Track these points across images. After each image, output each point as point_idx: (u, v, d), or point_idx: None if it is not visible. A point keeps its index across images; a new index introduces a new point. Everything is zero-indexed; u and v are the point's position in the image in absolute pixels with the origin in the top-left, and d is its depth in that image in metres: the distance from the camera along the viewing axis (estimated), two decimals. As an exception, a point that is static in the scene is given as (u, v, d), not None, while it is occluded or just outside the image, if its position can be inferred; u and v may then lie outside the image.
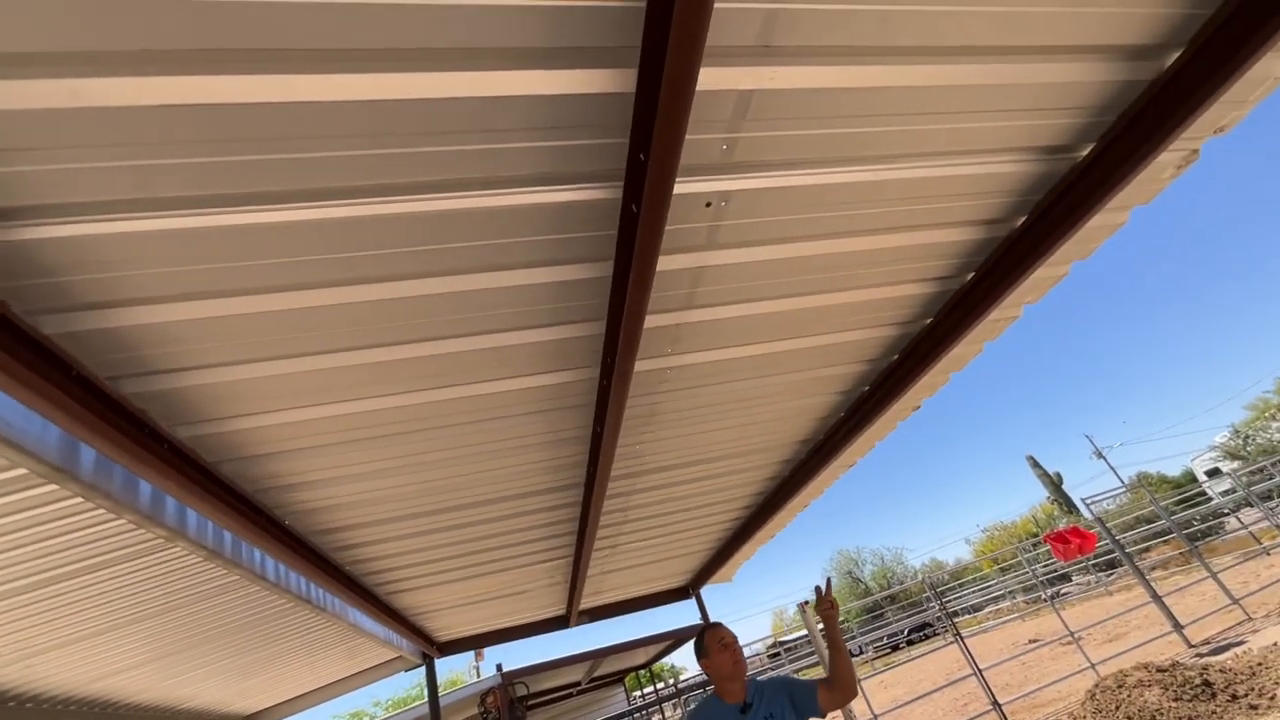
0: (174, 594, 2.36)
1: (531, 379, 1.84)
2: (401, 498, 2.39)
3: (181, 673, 3.28)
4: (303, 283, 1.29)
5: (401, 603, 3.69)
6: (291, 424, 1.73)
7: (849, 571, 37.81)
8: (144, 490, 1.62)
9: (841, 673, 2.24)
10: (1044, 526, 26.83)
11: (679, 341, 1.87)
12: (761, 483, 3.45)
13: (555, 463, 2.43)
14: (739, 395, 2.35)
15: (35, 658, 2.41)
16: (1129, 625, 11.27)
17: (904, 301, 2.05)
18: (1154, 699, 5.12)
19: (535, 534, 3.18)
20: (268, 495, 2.03)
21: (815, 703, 2.28)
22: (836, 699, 2.26)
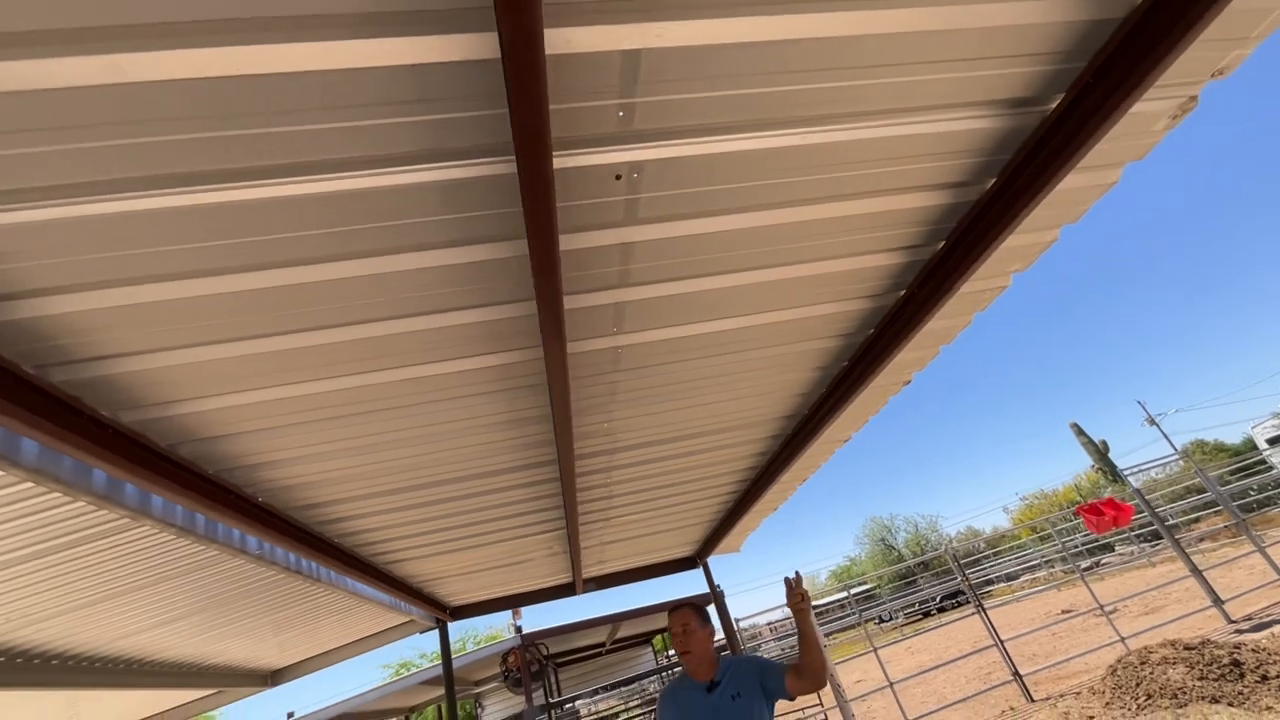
0: (165, 566, 2.48)
1: (474, 360, 1.81)
2: (372, 475, 2.42)
3: (199, 633, 3.48)
4: (202, 270, 1.27)
5: (403, 571, 3.81)
6: (238, 407, 1.75)
7: (881, 539, 37.59)
8: (97, 473, 1.67)
9: (809, 663, 2.21)
10: (1087, 495, 25.98)
11: (623, 320, 1.80)
12: (751, 458, 3.38)
13: (522, 441, 2.41)
14: (706, 373, 2.27)
15: (45, 621, 2.58)
16: (1168, 598, 10.90)
17: (872, 273, 1.92)
18: (1177, 677, 4.94)
19: (521, 508, 3.21)
20: (233, 475, 2.08)
21: (783, 686, 2.28)
22: (804, 686, 2.25)
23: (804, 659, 2.23)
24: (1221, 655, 4.99)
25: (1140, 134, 1.55)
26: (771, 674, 2.31)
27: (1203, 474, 9.58)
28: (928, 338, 2.34)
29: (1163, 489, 17.50)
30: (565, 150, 1.16)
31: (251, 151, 1.03)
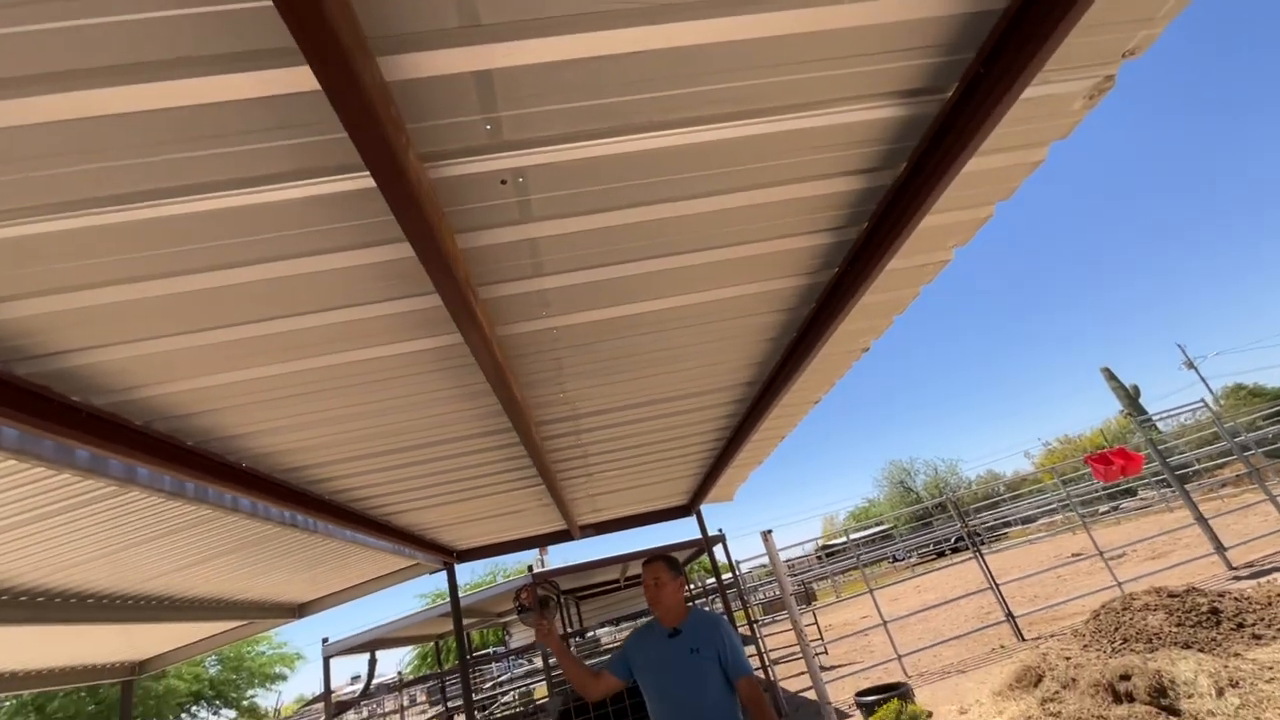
0: (167, 522, 2.75)
1: (412, 344, 1.91)
2: (348, 442, 2.60)
3: (219, 575, 3.85)
4: (131, 276, 1.38)
5: (402, 521, 4.10)
6: (202, 389, 1.90)
7: (900, 481, 37.92)
8: (80, 454, 1.86)
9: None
10: (1113, 441, 25.58)
11: (550, 305, 1.87)
12: (721, 419, 3.47)
13: (481, 411, 2.54)
14: (651, 347, 2.34)
15: (79, 566, 2.90)
16: (1177, 544, 10.93)
17: (802, 254, 1.93)
18: (1155, 623, 5.07)
19: (499, 467, 3.39)
20: (212, 445, 2.26)
21: (732, 678, 2.38)
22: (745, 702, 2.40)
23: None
24: (1202, 604, 5.08)
25: (1058, 114, 1.51)
26: (730, 660, 2.38)
27: (1220, 423, 9.36)
28: (874, 309, 2.35)
29: (1191, 434, 17.14)
30: (441, 161, 1.21)
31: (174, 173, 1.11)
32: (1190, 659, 4.36)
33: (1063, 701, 4.86)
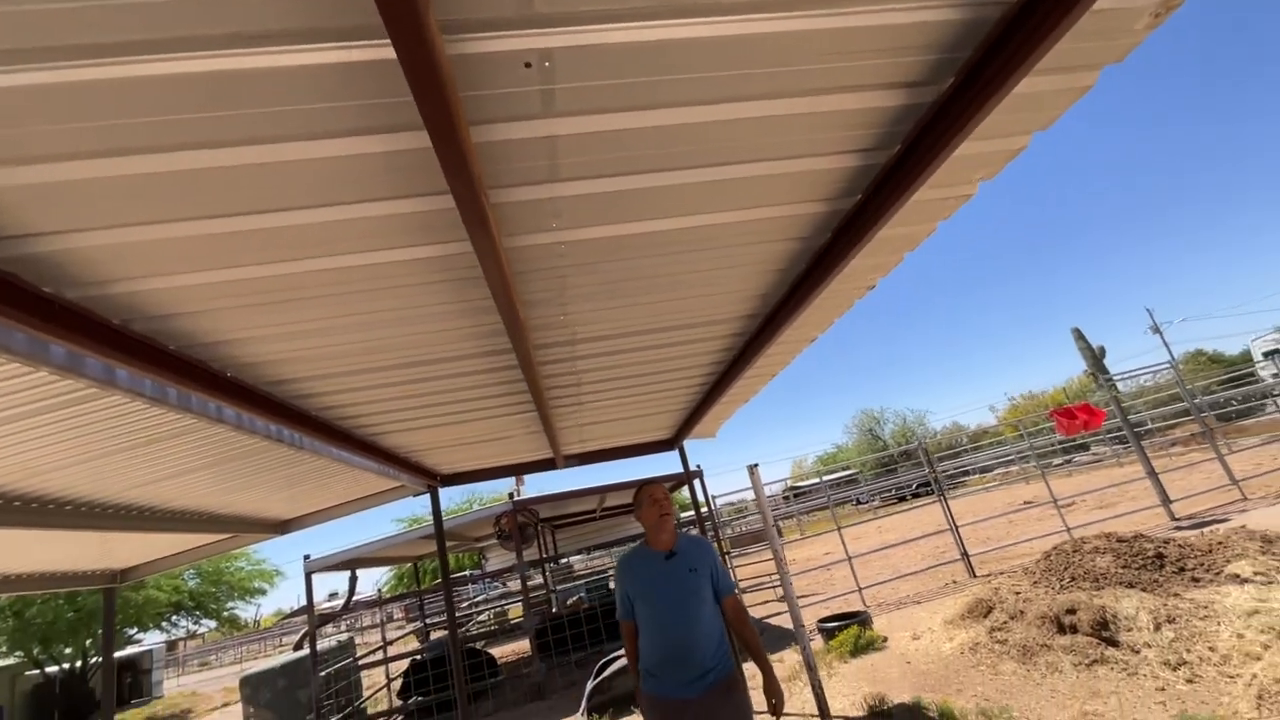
0: (150, 430, 2.66)
1: (413, 250, 1.80)
2: (338, 356, 2.51)
3: (202, 487, 3.80)
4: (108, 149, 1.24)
5: (387, 443, 4.07)
6: (183, 288, 1.78)
7: (869, 429, 39.19)
8: (55, 350, 1.75)
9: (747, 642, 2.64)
10: (1074, 398, 26.57)
11: (561, 215, 1.76)
12: (716, 353, 3.45)
13: (478, 330, 2.47)
14: (658, 271, 2.26)
15: (56, 472, 2.82)
16: (1124, 496, 11.58)
17: (824, 177, 1.84)
18: (1103, 564, 5.41)
19: (491, 390, 3.35)
20: (196, 351, 2.16)
21: (721, 595, 2.59)
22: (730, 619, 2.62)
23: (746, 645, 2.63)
24: (1148, 548, 5.43)
25: (1120, 33, 1.41)
26: (719, 578, 2.64)
27: (1182, 384, 9.74)
28: (888, 244, 2.29)
29: (1149, 395, 17.90)
30: (461, 34, 1.08)
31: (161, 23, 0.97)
32: (1133, 597, 4.69)
33: (1010, 630, 5.23)
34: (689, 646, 2.51)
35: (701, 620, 2.53)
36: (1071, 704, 3.92)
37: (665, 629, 2.55)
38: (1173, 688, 3.79)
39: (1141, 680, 3.97)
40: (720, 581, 2.64)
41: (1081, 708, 3.83)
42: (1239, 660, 3.74)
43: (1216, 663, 3.83)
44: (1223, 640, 3.96)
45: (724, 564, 2.73)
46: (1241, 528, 5.64)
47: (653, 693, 2.59)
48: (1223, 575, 4.77)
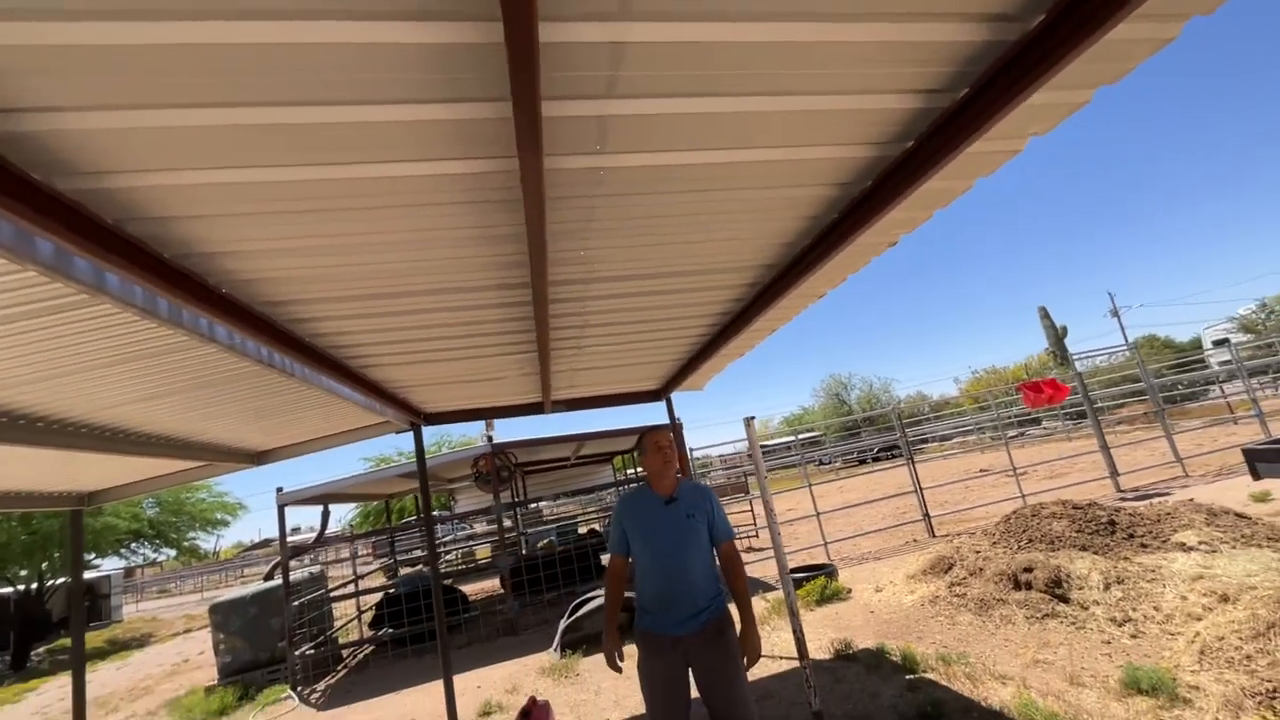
0: (136, 345, 2.49)
1: (443, 165, 1.67)
2: (340, 279, 2.37)
3: (182, 411, 3.64)
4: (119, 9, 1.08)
5: (377, 376, 3.95)
6: (185, 187, 1.62)
7: (836, 394, 40.21)
8: (42, 244, 1.59)
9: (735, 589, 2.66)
10: (1035, 375, 27.66)
11: (607, 138, 1.65)
12: (725, 303, 3.40)
13: (496, 260, 2.35)
14: (689, 209, 2.17)
15: (27, 385, 2.64)
16: (1073, 468, 12.23)
17: (881, 117, 1.76)
18: (1060, 528, 5.73)
19: (494, 327, 3.25)
20: (191, 261, 2.00)
21: (713, 541, 2.65)
22: (724, 565, 2.67)
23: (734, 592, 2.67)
24: (1101, 515, 5.75)
25: (1216, -20, 1.35)
26: (717, 524, 2.67)
27: (1142, 367, 10.18)
28: (925, 198, 2.24)
29: (1102, 375, 18.71)
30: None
31: None
32: (1086, 559, 4.99)
33: (969, 586, 5.54)
34: (683, 588, 2.56)
35: (696, 563, 2.58)
36: (1024, 652, 4.19)
37: (661, 570, 2.60)
38: (1118, 642, 4.09)
39: (1089, 634, 4.27)
40: (718, 528, 2.69)
41: (1033, 656, 4.10)
42: (1181, 620, 4.03)
43: (1160, 621, 4.13)
44: (1167, 601, 4.26)
45: (723, 509, 2.77)
46: (1190, 500, 6.02)
47: (647, 629, 2.66)
48: (1170, 543, 5.10)
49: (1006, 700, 3.54)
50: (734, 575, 2.69)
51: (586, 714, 4.61)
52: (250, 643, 7.51)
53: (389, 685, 6.58)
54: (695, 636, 2.55)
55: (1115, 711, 3.21)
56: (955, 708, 3.58)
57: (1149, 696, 3.26)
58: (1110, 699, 3.36)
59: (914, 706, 3.65)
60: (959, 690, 3.81)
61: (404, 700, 5.98)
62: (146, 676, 10.51)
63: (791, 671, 4.70)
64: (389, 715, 5.63)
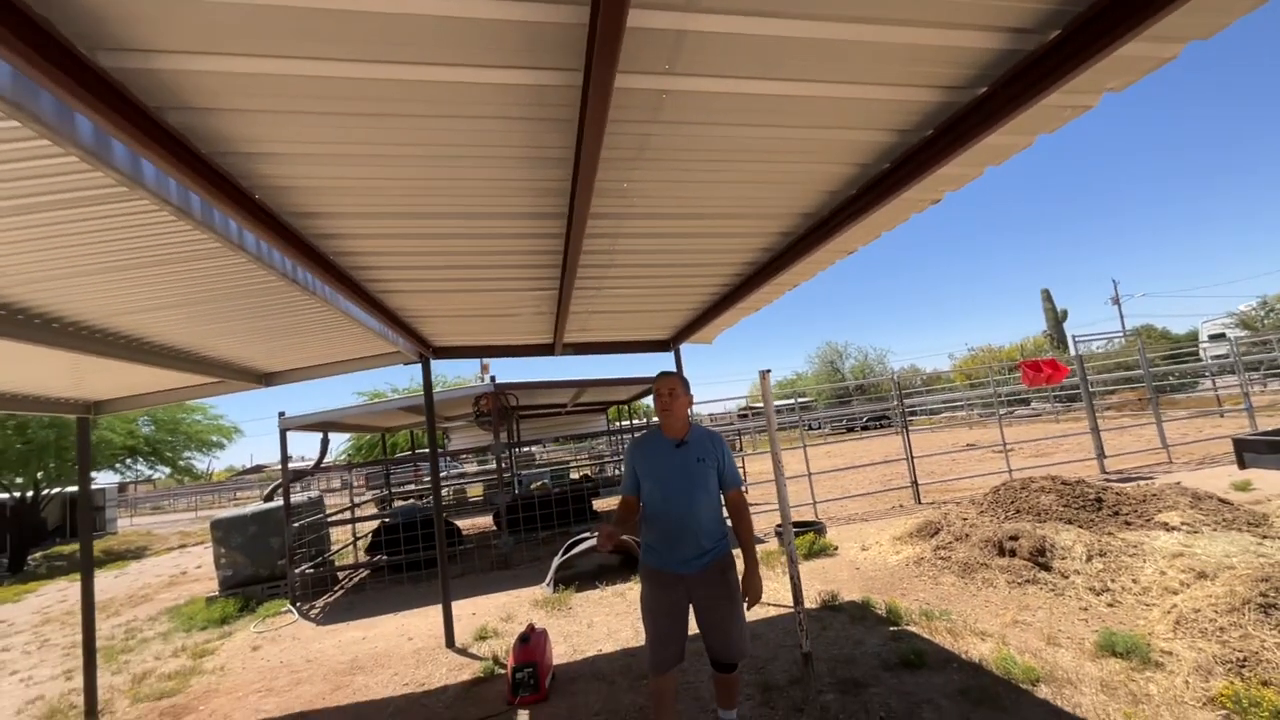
0: (163, 248, 2.43)
1: (504, 73, 1.60)
2: (374, 193, 2.31)
3: (197, 323, 3.60)
4: None
5: (393, 303, 3.91)
6: (232, 75, 1.55)
7: (831, 361, 40.45)
8: (83, 124, 1.52)
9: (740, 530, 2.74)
10: (1029, 355, 27.89)
11: (679, 57, 1.57)
12: (754, 251, 3.36)
13: (537, 185, 2.29)
14: (742, 145, 2.11)
15: (43, 283, 2.59)
16: (1059, 448, 12.49)
17: (961, 56, 1.69)
18: (1048, 502, 5.89)
19: (520, 259, 3.20)
20: (228, 161, 1.93)
21: (722, 486, 2.70)
22: (731, 511, 2.72)
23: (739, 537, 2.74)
24: (1089, 492, 5.90)
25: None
26: (726, 471, 2.71)
27: (1143, 354, 10.25)
28: (983, 153, 2.18)
29: (1097, 360, 18.88)
30: None
31: None
32: (1072, 531, 5.15)
33: (954, 550, 5.72)
34: (688, 529, 2.62)
35: (703, 506, 2.64)
36: (1004, 613, 4.38)
37: (668, 511, 2.65)
38: (1094, 609, 4.26)
39: (1067, 600, 4.45)
40: (726, 474, 2.73)
41: (1013, 617, 4.29)
42: (1158, 593, 4.20)
43: (1137, 593, 4.30)
44: (1145, 575, 4.43)
45: (733, 457, 2.81)
46: (1177, 483, 6.18)
47: (652, 565, 2.74)
48: (1153, 522, 5.26)
49: (985, 654, 3.71)
50: (740, 521, 2.76)
51: (579, 644, 4.80)
52: (250, 559, 7.71)
53: (385, 607, 6.81)
54: (698, 575, 2.62)
55: (1090, 670, 3.38)
56: (936, 658, 3.75)
57: (1123, 659, 3.43)
58: (1085, 659, 3.53)
59: (897, 655, 3.83)
60: (940, 643, 3.99)
61: (400, 621, 6.21)
62: (145, 585, 10.82)
63: (778, 617, 4.89)
64: (386, 632, 5.85)
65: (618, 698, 3.71)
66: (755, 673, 3.80)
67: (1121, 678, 3.24)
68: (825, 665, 3.82)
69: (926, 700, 3.22)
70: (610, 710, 3.56)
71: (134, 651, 6.39)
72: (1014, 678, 3.33)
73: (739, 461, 13.68)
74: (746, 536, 2.76)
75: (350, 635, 5.92)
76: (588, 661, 4.40)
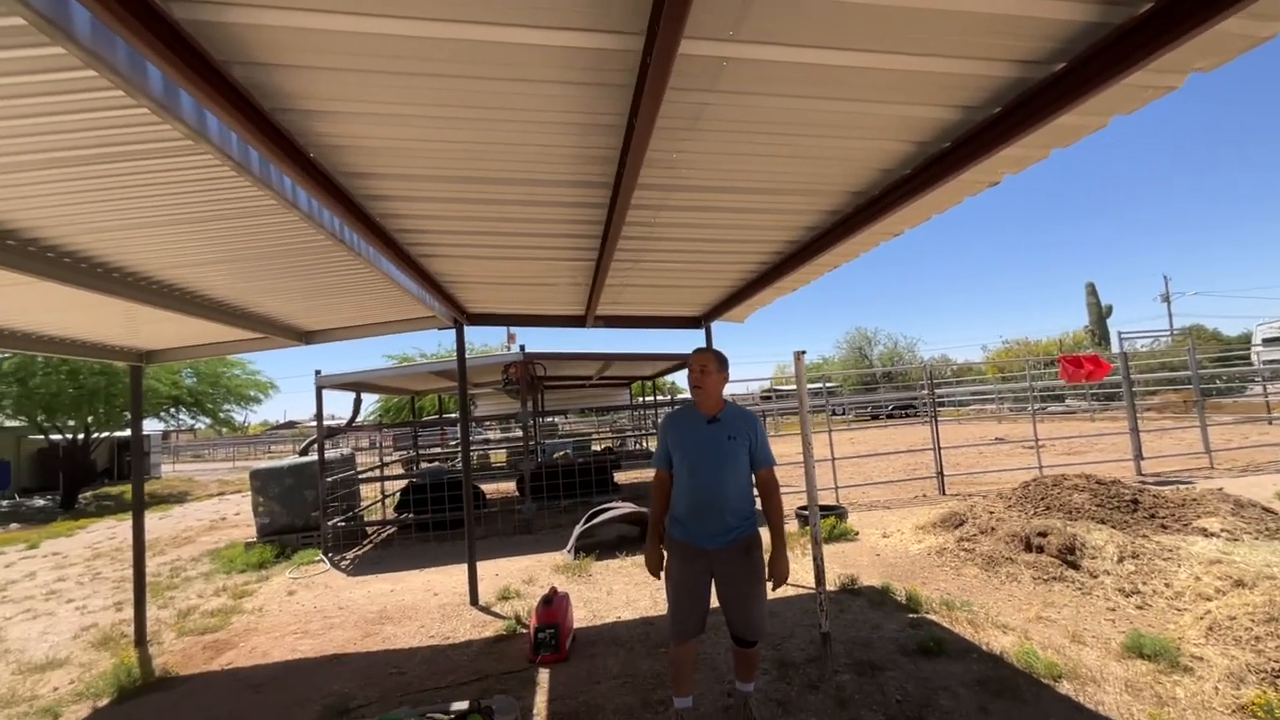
0: (220, 204, 2.49)
1: (566, 35, 1.57)
2: (428, 154, 2.32)
3: (245, 279, 3.71)
4: None
5: (432, 267, 3.96)
6: (299, 30, 1.56)
7: (859, 347, 39.79)
8: (154, 75, 1.55)
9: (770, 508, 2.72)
10: (1067, 350, 27.00)
11: (744, 22, 1.53)
12: (797, 229, 3.30)
13: (586, 152, 2.27)
14: (797, 118, 2.05)
15: (102, 232, 2.69)
16: (1092, 447, 12.16)
17: (1041, 28, 1.60)
18: (1080, 500, 5.76)
19: (561, 229, 3.20)
20: (288, 118, 1.96)
21: (753, 465, 2.69)
22: (761, 490, 2.72)
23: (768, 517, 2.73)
24: (1125, 493, 5.76)
25: None
26: (758, 449, 2.70)
27: (1193, 354, 9.84)
28: (1053, 133, 2.09)
29: (1141, 359, 18.21)
30: None
31: None
32: (1104, 531, 5.04)
33: (978, 542, 5.66)
34: (717, 505, 2.63)
35: (732, 484, 2.64)
36: (1027, 608, 4.34)
37: (698, 486, 2.66)
38: (1122, 610, 4.19)
39: (1094, 600, 4.38)
40: (758, 453, 2.72)
41: (1037, 613, 4.24)
42: (1191, 598, 4.11)
43: (1169, 597, 4.21)
44: (1180, 580, 4.33)
45: (767, 436, 2.80)
46: (1218, 489, 5.98)
47: (678, 538, 2.77)
48: (1191, 527, 5.12)
49: (1007, 647, 3.69)
50: (770, 500, 2.76)
51: (599, 610, 4.92)
52: (286, 509, 8.05)
53: (411, 563, 7.07)
54: (723, 551, 2.64)
55: (1114, 670, 3.34)
56: (956, 647, 3.75)
57: (1150, 661, 3.37)
58: (1110, 659, 3.49)
59: (915, 641, 3.84)
60: (960, 633, 3.98)
61: (426, 577, 6.43)
62: (188, 528, 11.39)
63: (796, 598, 4.93)
64: (413, 586, 6.07)
65: (635, 663, 3.81)
66: (772, 649, 3.85)
67: (1148, 679, 3.20)
68: (842, 647, 3.85)
69: (944, 687, 3.23)
70: (628, 675, 3.65)
71: (178, 589, 6.77)
72: (1035, 672, 3.32)
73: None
74: (776, 516, 2.75)
75: (379, 587, 6.16)
76: (607, 627, 4.51)
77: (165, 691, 3.98)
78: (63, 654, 4.90)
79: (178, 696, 3.89)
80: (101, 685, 4.05)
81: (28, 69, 1.55)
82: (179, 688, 4.03)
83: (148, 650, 4.77)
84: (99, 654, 4.82)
